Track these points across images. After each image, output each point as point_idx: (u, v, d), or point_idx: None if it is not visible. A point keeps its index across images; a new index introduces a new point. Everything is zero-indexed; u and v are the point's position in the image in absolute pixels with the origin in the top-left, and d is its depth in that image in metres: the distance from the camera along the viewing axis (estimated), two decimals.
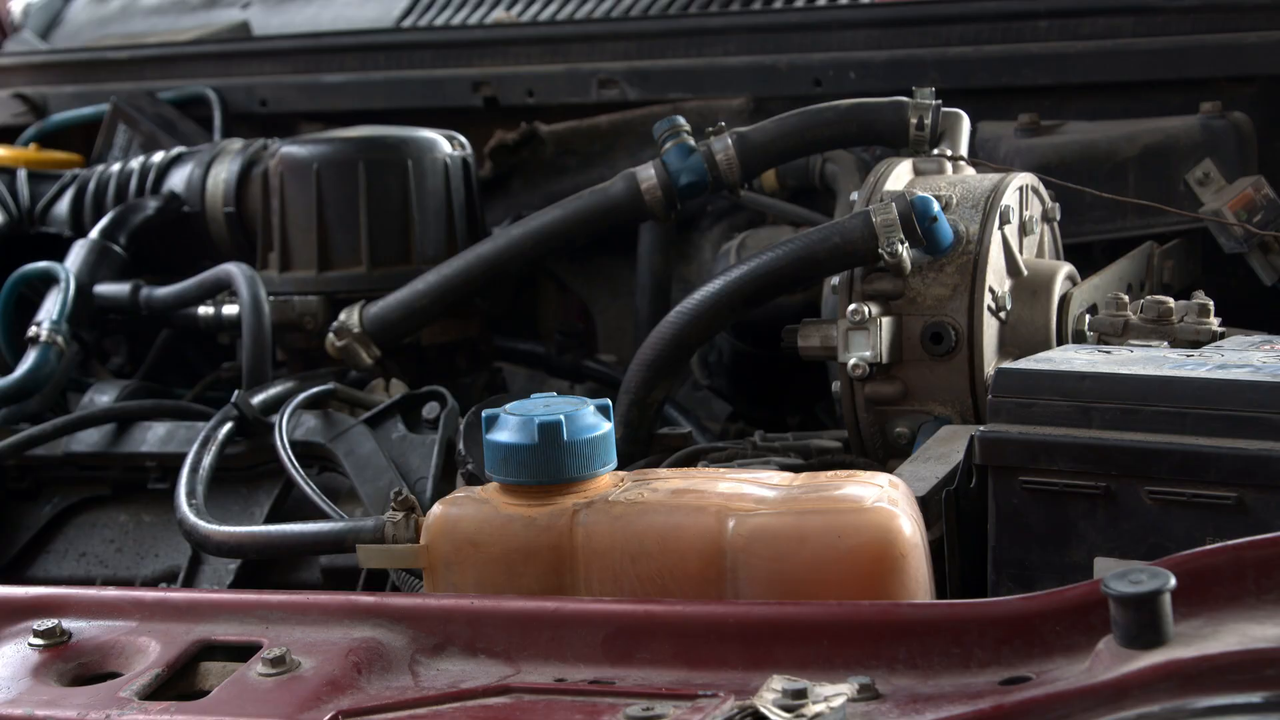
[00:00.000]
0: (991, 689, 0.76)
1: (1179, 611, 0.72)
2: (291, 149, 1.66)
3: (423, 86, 2.02)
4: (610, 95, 1.91)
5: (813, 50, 1.82)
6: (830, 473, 0.99)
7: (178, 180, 1.78)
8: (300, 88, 2.10)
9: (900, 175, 1.41)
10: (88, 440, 1.51)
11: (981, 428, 1.01)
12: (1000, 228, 1.33)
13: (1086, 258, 1.52)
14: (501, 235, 1.55)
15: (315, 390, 1.47)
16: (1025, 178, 1.41)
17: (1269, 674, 0.68)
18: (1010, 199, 1.36)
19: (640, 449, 1.41)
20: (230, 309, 1.64)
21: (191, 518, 1.26)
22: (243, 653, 0.89)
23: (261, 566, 1.39)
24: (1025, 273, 1.36)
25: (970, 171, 1.48)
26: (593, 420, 0.97)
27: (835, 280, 1.36)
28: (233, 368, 1.72)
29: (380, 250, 1.63)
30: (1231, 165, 1.59)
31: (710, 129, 1.53)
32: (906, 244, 1.30)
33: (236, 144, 1.79)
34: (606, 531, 0.94)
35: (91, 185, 1.83)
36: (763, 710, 0.73)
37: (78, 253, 1.69)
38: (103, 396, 1.57)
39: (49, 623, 0.93)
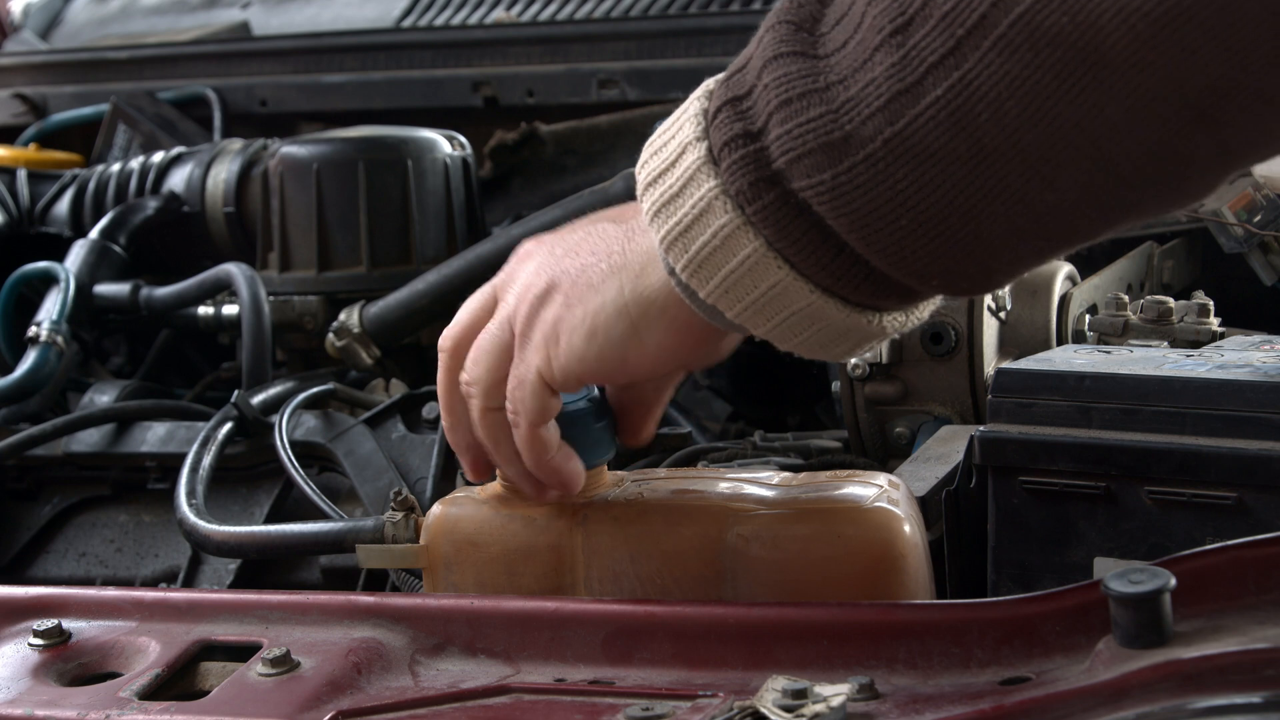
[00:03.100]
0: (991, 689, 0.76)
1: (1179, 611, 0.72)
2: (291, 149, 1.66)
3: (423, 86, 2.02)
4: (610, 95, 1.91)
5: None
6: (830, 473, 0.99)
7: (178, 180, 1.78)
8: (300, 88, 2.10)
9: None
10: (88, 440, 1.51)
11: (981, 428, 1.01)
12: None
13: (1086, 258, 1.52)
14: (501, 235, 1.55)
15: (315, 390, 1.47)
16: None
17: (1269, 674, 0.67)
18: None
19: (640, 449, 1.41)
20: (230, 309, 1.64)
21: (191, 518, 1.26)
22: (243, 653, 0.89)
23: (261, 566, 1.39)
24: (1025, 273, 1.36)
25: None
26: (586, 407, 0.97)
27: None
28: (233, 368, 1.72)
29: (380, 250, 1.63)
30: None
31: None
32: None
33: (236, 144, 1.79)
34: (606, 531, 0.94)
35: (91, 185, 1.83)
36: (763, 710, 0.73)
37: (78, 253, 1.69)
38: (103, 396, 1.57)
39: (49, 623, 0.93)
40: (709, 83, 0.82)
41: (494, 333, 0.91)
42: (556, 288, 0.87)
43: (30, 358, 1.55)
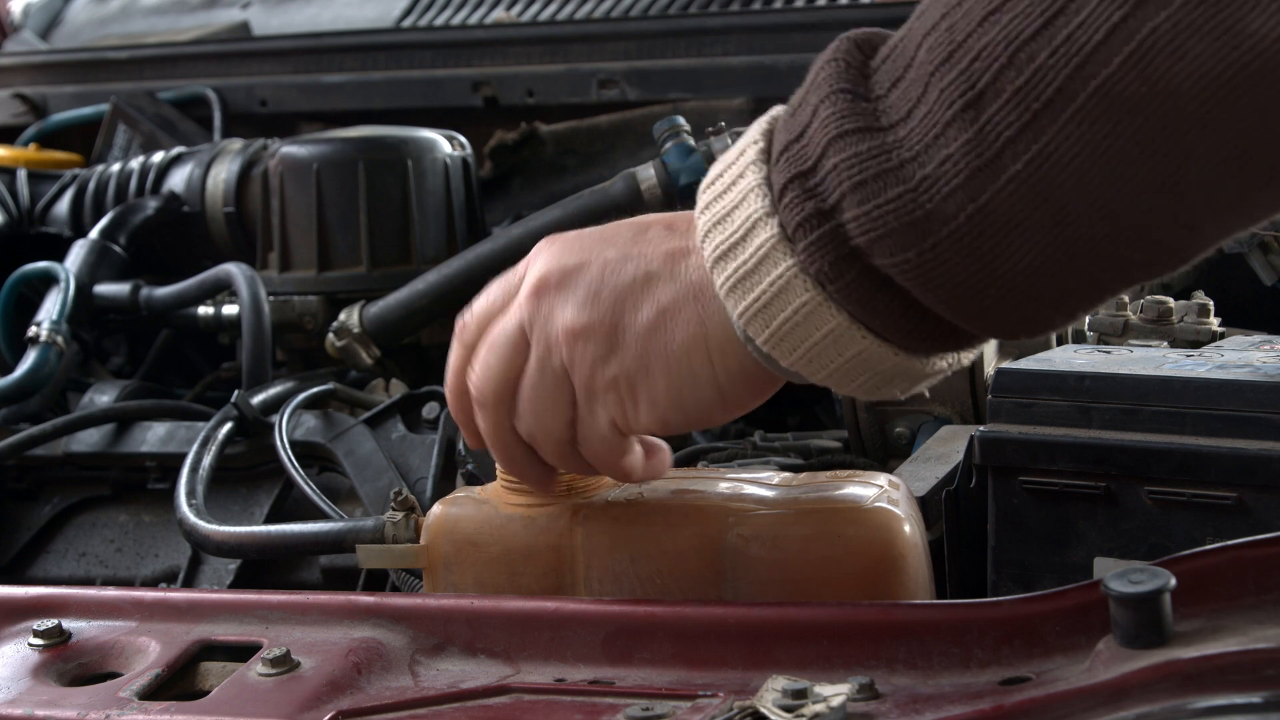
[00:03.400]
0: (991, 689, 0.76)
1: (1179, 611, 0.72)
2: (291, 149, 1.66)
3: (423, 86, 2.02)
4: (610, 95, 1.91)
5: (813, 50, 1.80)
6: (830, 473, 0.99)
7: (178, 180, 1.78)
8: (300, 88, 2.10)
9: None
10: (88, 440, 1.51)
11: (981, 428, 1.01)
12: None
13: None
14: (501, 235, 1.55)
15: (315, 390, 1.47)
16: None
17: (1269, 674, 0.67)
18: None
19: None
20: (230, 309, 1.64)
21: (191, 518, 1.26)
22: (243, 653, 0.89)
23: (261, 566, 1.39)
24: None
25: None
26: None
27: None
28: (233, 368, 1.72)
29: (380, 250, 1.63)
30: None
31: (710, 129, 1.53)
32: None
33: (236, 144, 1.79)
34: (606, 531, 0.94)
35: (91, 185, 1.83)
36: (763, 710, 0.73)
37: (78, 253, 1.69)
38: (103, 396, 1.57)
39: (49, 623, 0.93)
40: (757, 139, 0.81)
41: (550, 386, 0.88)
42: (622, 346, 0.85)
43: (30, 358, 1.55)
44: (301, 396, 1.44)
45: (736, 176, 0.81)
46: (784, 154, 0.78)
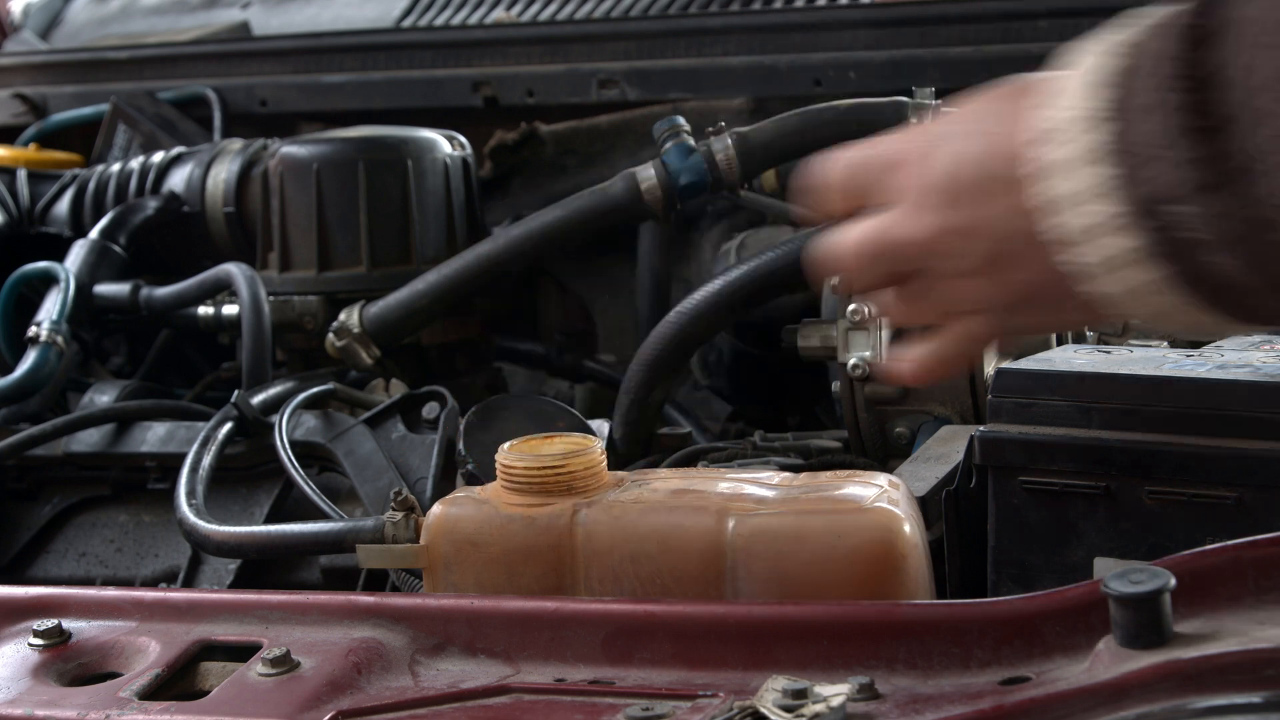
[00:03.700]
0: (991, 689, 0.76)
1: (1179, 611, 0.72)
2: (291, 149, 1.66)
3: (423, 86, 2.02)
4: (610, 95, 1.91)
5: (813, 50, 1.82)
6: (830, 473, 0.99)
7: (178, 180, 1.78)
8: (300, 88, 2.10)
9: None
10: (88, 440, 1.51)
11: (981, 428, 1.01)
12: None
13: None
14: (501, 235, 1.55)
15: (315, 390, 1.47)
16: None
17: (1269, 674, 0.68)
18: None
19: (640, 449, 1.41)
20: (230, 309, 1.64)
21: (191, 518, 1.26)
22: (243, 653, 0.89)
23: (261, 566, 1.39)
24: None
25: None
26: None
27: (835, 280, 1.36)
28: (233, 368, 1.72)
29: (380, 250, 1.63)
30: None
31: (710, 129, 1.53)
32: None
33: (236, 144, 1.79)
34: (606, 532, 0.94)
35: (91, 185, 1.83)
36: (763, 710, 0.73)
37: (78, 253, 1.69)
38: (103, 396, 1.57)
39: (49, 623, 0.93)
40: (1094, 118, 0.80)
41: (959, 336, 0.90)
42: (1012, 307, 0.87)
43: (30, 358, 1.55)
44: (301, 396, 1.44)
45: (1078, 164, 0.80)
46: (1141, 173, 0.78)
